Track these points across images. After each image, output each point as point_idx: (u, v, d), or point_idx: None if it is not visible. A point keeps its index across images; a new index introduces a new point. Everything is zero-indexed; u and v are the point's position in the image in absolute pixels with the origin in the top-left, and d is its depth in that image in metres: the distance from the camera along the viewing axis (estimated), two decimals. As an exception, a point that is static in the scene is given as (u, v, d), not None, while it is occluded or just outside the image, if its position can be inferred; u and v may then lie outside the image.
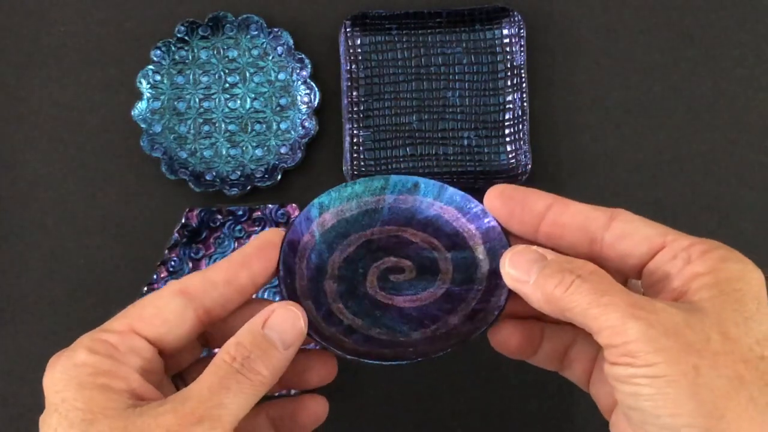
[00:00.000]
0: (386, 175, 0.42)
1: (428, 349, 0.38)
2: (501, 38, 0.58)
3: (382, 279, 0.41)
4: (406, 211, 0.43)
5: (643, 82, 0.59)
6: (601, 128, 0.59)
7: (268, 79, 0.59)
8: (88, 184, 0.58)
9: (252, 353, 0.33)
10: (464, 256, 0.41)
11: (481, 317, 0.38)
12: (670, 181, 0.58)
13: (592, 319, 0.31)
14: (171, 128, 0.58)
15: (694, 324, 0.29)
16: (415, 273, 0.41)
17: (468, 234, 0.41)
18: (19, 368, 0.57)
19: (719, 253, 0.32)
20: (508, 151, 0.58)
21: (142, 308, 0.34)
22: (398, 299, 0.41)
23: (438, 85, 0.58)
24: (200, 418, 0.30)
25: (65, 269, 0.57)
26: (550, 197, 0.36)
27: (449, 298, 0.40)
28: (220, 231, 0.57)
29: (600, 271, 0.32)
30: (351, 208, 0.42)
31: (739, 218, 0.58)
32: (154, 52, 0.58)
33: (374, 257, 0.42)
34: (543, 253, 0.34)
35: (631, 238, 0.34)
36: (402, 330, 0.39)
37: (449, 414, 0.56)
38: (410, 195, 0.42)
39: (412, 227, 0.42)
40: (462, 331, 0.38)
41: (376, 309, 0.40)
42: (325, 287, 0.40)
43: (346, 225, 0.42)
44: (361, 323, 0.40)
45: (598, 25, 0.59)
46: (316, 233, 0.41)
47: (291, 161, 0.57)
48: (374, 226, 0.42)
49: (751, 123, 0.58)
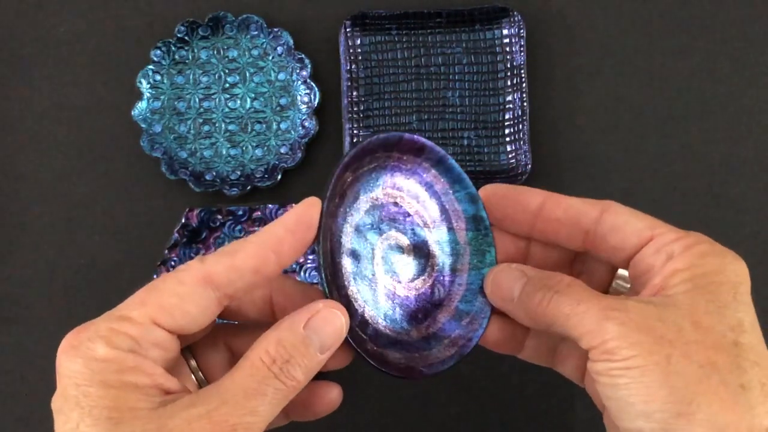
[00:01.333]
0: (401, 132, 0.40)
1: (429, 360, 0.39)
2: (501, 38, 0.58)
3: (386, 260, 0.41)
4: (406, 173, 0.42)
5: (643, 82, 0.59)
6: (601, 128, 0.58)
7: (268, 79, 0.59)
8: (88, 184, 0.58)
9: (292, 357, 0.31)
10: (448, 240, 0.41)
11: (468, 323, 0.40)
12: (670, 180, 0.58)
13: (572, 327, 0.32)
14: (171, 128, 0.58)
15: (666, 317, 0.31)
16: (412, 254, 0.41)
17: (453, 213, 0.41)
18: (19, 368, 0.57)
19: (700, 248, 0.33)
20: (508, 151, 0.58)
21: (162, 295, 0.32)
22: (399, 287, 0.41)
23: (438, 85, 0.58)
24: (233, 426, 0.29)
25: (65, 269, 0.57)
26: (542, 194, 0.37)
27: (435, 289, 0.41)
28: (220, 231, 0.57)
29: (575, 282, 0.34)
30: (363, 164, 0.40)
31: (739, 218, 0.58)
32: (154, 52, 0.58)
33: (380, 230, 0.41)
34: (523, 271, 0.36)
35: (622, 230, 0.35)
36: (402, 325, 0.40)
37: (449, 413, 0.56)
38: (415, 157, 0.41)
39: (407, 193, 0.42)
40: (452, 338, 0.40)
41: (382, 297, 0.40)
42: (343, 264, 0.39)
43: (358, 184, 0.40)
44: (372, 313, 0.40)
45: (598, 25, 0.59)
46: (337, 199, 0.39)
47: (291, 161, 0.57)
48: (379, 186, 0.41)
49: (752, 122, 0.58)
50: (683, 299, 0.32)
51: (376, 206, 0.41)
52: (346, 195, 0.39)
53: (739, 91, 0.59)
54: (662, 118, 0.59)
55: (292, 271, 0.56)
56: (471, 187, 0.40)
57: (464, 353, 0.39)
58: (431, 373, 0.39)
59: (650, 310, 0.31)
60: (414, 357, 0.39)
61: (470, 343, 0.39)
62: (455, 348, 0.40)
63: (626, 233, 0.35)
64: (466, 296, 0.40)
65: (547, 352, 0.39)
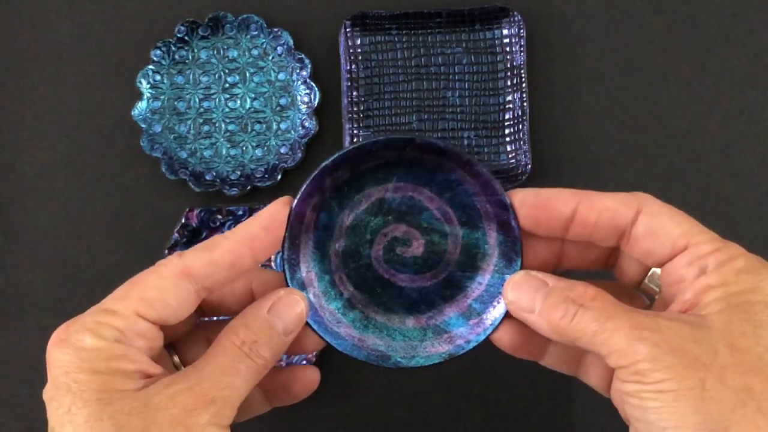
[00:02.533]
0: (414, 135, 0.39)
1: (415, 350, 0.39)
2: (501, 38, 0.58)
3: (389, 251, 0.41)
4: (428, 170, 0.40)
5: (643, 81, 0.59)
6: (601, 128, 0.58)
7: (268, 79, 0.59)
8: (88, 184, 0.58)
9: (259, 338, 0.34)
10: (475, 238, 0.40)
11: (475, 323, 0.39)
12: (671, 180, 0.58)
13: (600, 345, 0.31)
14: (171, 128, 0.58)
15: (700, 338, 0.30)
16: (422, 248, 0.41)
17: (485, 213, 0.40)
18: (19, 368, 0.57)
19: (735, 264, 0.32)
20: (508, 151, 0.58)
21: (144, 289, 0.34)
22: (401, 276, 0.41)
23: (438, 85, 0.58)
24: (213, 399, 0.32)
25: (65, 269, 0.57)
26: (574, 198, 0.35)
27: (450, 284, 0.40)
28: (220, 231, 0.57)
29: (602, 294, 0.33)
30: (368, 161, 0.39)
31: (739, 217, 0.58)
32: (154, 52, 0.58)
33: (385, 221, 0.40)
34: (544, 280, 0.35)
35: (656, 236, 0.34)
36: (398, 312, 0.40)
37: (448, 412, 0.56)
38: (435, 156, 0.39)
39: (430, 188, 0.40)
40: (452, 335, 0.39)
41: (377, 284, 0.40)
42: (331, 252, 0.40)
43: (361, 179, 0.40)
44: (361, 297, 0.40)
45: (598, 25, 0.59)
46: (327, 191, 0.40)
47: (291, 161, 0.57)
48: (390, 181, 0.40)
49: (752, 123, 0.58)
50: (717, 319, 0.31)
51: (383, 198, 0.40)
52: (340, 188, 0.40)
53: (739, 92, 0.59)
54: (662, 118, 0.59)
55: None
56: (502, 194, 0.38)
57: (456, 354, 0.39)
58: (408, 365, 0.39)
59: (684, 330, 0.30)
60: (397, 345, 0.40)
61: (467, 345, 0.39)
62: (449, 345, 0.39)
63: (660, 239, 0.34)
64: (482, 296, 0.40)
65: (571, 361, 0.38)
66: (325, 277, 0.40)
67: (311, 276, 0.40)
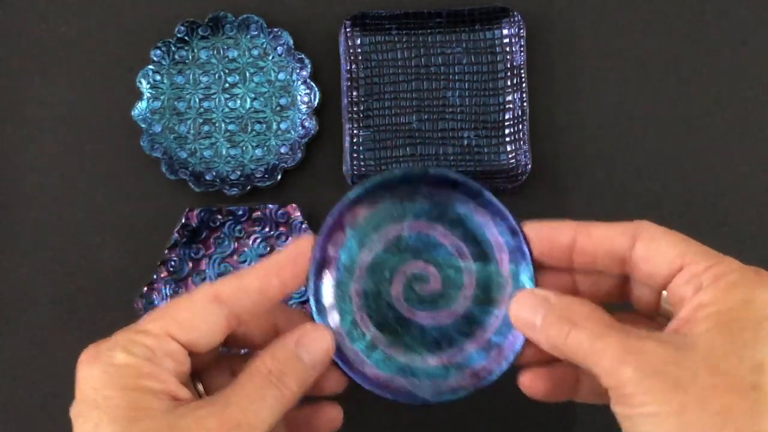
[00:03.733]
0: (427, 166, 0.42)
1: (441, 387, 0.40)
2: (501, 38, 0.58)
3: (408, 288, 0.42)
4: (440, 205, 0.42)
5: (643, 82, 0.59)
6: (601, 128, 0.59)
7: (268, 79, 0.59)
8: (88, 184, 0.58)
9: (286, 369, 0.35)
10: (489, 271, 0.41)
11: (495, 354, 0.40)
12: (671, 180, 0.58)
13: (592, 365, 0.33)
14: (171, 128, 0.58)
15: (682, 360, 0.31)
16: (439, 284, 0.42)
17: (497, 245, 0.41)
18: (18, 368, 0.57)
19: (728, 279, 0.33)
20: (508, 151, 0.58)
21: (176, 311, 0.35)
22: (420, 314, 0.42)
23: (438, 85, 0.58)
24: (239, 424, 0.33)
25: (65, 269, 0.57)
26: (571, 228, 0.37)
27: (468, 320, 0.41)
28: (220, 231, 0.57)
29: (595, 313, 0.34)
30: (385, 197, 0.42)
31: (739, 218, 0.58)
32: (154, 52, 0.58)
33: (402, 258, 0.42)
34: (546, 296, 0.36)
35: (653, 260, 0.35)
36: (420, 353, 0.41)
37: (446, 410, 0.56)
38: (447, 190, 0.42)
39: (443, 224, 0.42)
40: (475, 370, 0.40)
41: (399, 324, 0.42)
42: (352, 292, 0.41)
43: (379, 217, 0.42)
44: (383, 338, 0.41)
45: (598, 25, 0.59)
46: (347, 229, 0.41)
47: (291, 161, 0.57)
48: (406, 219, 0.42)
49: (752, 123, 0.58)
50: (702, 340, 0.31)
51: (400, 236, 0.42)
52: (359, 225, 0.41)
53: (740, 92, 0.59)
54: (663, 118, 0.59)
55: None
56: (511, 219, 0.40)
57: (481, 386, 0.40)
58: (436, 401, 0.40)
59: (668, 352, 0.31)
60: (423, 384, 0.41)
61: (490, 377, 0.40)
62: (474, 379, 0.40)
63: (658, 261, 0.35)
64: (500, 329, 0.40)
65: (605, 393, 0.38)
66: (348, 317, 0.41)
67: (334, 314, 0.41)
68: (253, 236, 0.57)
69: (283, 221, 0.56)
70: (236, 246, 0.57)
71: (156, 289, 0.56)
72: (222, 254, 0.57)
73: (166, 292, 0.56)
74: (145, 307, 0.55)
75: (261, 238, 0.57)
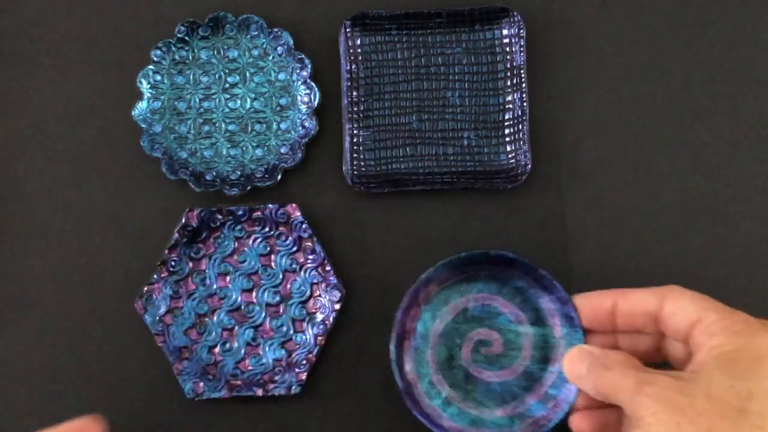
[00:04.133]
0: (486, 250, 0.50)
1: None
2: (501, 38, 0.58)
3: (475, 352, 0.51)
4: (500, 280, 0.51)
5: (643, 81, 0.59)
6: (601, 128, 0.59)
7: (268, 79, 0.59)
8: (88, 184, 0.58)
9: None
10: (543, 334, 0.50)
11: (552, 405, 0.49)
12: (670, 180, 0.58)
13: (618, 397, 0.39)
14: (171, 128, 0.58)
15: (686, 390, 0.37)
16: (501, 348, 0.51)
17: (549, 312, 0.50)
18: (18, 368, 0.57)
19: (735, 327, 0.39)
20: (508, 151, 0.58)
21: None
22: (486, 373, 0.51)
23: (438, 85, 0.58)
24: None
25: (65, 269, 0.57)
26: (612, 295, 0.45)
27: (528, 376, 0.50)
28: (220, 231, 0.57)
29: (624, 359, 0.41)
30: (453, 276, 0.51)
31: (739, 218, 0.58)
32: (154, 52, 0.58)
33: (469, 327, 0.51)
34: (591, 351, 0.43)
35: (678, 315, 0.42)
36: (488, 406, 0.50)
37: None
38: (505, 267, 0.50)
39: (503, 295, 0.51)
40: (535, 418, 0.49)
41: (468, 383, 0.51)
42: (428, 357, 0.51)
43: (448, 293, 0.51)
44: (456, 395, 0.50)
45: (598, 25, 0.59)
46: (421, 304, 0.51)
47: (291, 161, 0.57)
48: (472, 293, 0.51)
49: (752, 124, 0.58)
50: (706, 374, 0.38)
51: (466, 308, 0.51)
52: (432, 301, 0.51)
53: (740, 92, 0.59)
54: (662, 118, 0.59)
55: (293, 272, 0.57)
56: (562, 291, 0.49)
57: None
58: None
59: (676, 383, 0.38)
60: (490, 431, 0.49)
61: (549, 423, 0.48)
62: (535, 427, 0.49)
63: (681, 317, 0.41)
64: (556, 383, 0.49)
65: None
66: (425, 379, 0.50)
67: (414, 377, 0.50)
68: (253, 236, 0.57)
69: (283, 221, 0.56)
70: (236, 246, 0.57)
71: (156, 289, 0.56)
72: (222, 254, 0.57)
73: (166, 292, 0.56)
74: (145, 307, 0.55)
75: (261, 238, 0.57)
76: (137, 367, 0.57)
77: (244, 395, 0.55)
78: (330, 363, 0.56)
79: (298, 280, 0.57)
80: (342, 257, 0.57)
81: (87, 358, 0.57)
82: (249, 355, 0.56)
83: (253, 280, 0.57)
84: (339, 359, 0.56)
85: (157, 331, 0.55)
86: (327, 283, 0.56)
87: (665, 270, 0.57)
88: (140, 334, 0.56)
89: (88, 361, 0.57)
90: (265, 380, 0.55)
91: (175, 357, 0.55)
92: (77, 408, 0.57)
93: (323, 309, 0.56)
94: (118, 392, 0.56)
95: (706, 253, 0.57)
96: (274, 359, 0.56)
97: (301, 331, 0.56)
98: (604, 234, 0.57)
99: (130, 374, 0.57)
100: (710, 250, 0.57)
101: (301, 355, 0.55)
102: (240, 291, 0.57)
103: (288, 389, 0.54)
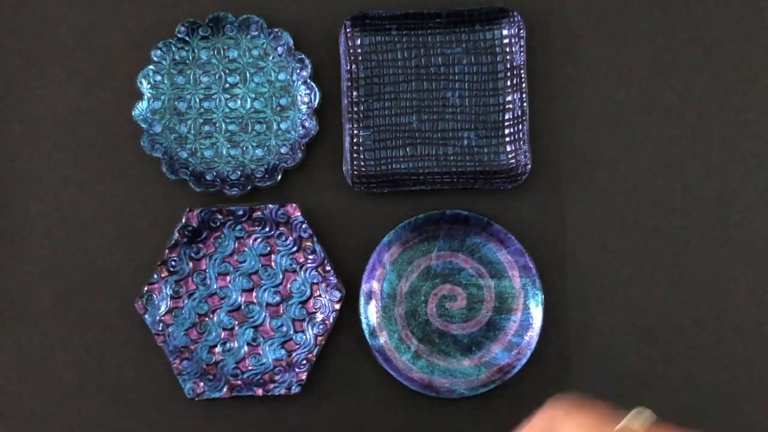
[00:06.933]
0: (443, 210, 0.54)
1: (474, 383, 0.53)
2: (501, 38, 0.58)
3: (440, 306, 0.54)
4: (458, 238, 0.55)
5: (643, 81, 0.59)
6: (600, 128, 0.59)
7: (268, 79, 0.59)
8: (88, 184, 0.58)
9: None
10: (504, 285, 0.54)
11: (516, 353, 0.53)
12: (670, 180, 0.58)
13: None
14: (171, 128, 0.58)
15: None
16: (465, 301, 0.54)
17: (508, 265, 0.54)
18: (19, 368, 0.57)
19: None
20: (508, 151, 0.58)
21: None
22: (452, 326, 0.54)
23: (438, 85, 0.58)
24: None
25: (65, 269, 0.57)
26: None
27: (491, 326, 0.54)
28: (220, 231, 0.57)
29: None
30: (414, 237, 0.55)
31: (738, 218, 0.58)
32: (155, 52, 0.58)
33: (433, 284, 0.55)
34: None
35: None
36: (455, 356, 0.54)
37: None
38: (462, 225, 0.54)
39: (463, 252, 0.55)
40: (500, 366, 0.53)
41: (435, 335, 0.54)
42: (396, 315, 0.54)
43: (411, 252, 0.55)
44: (424, 348, 0.54)
45: (598, 25, 0.59)
46: (387, 265, 0.55)
47: (291, 161, 0.57)
48: (433, 252, 0.55)
49: (752, 123, 0.58)
50: None
51: (429, 266, 0.55)
52: (396, 261, 0.55)
53: (739, 92, 0.59)
54: (662, 118, 0.59)
55: (293, 271, 0.57)
56: (517, 243, 0.54)
57: (506, 378, 0.52)
58: (471, 395, 0.53)
59: None
60: (459, 381, 0.53)
61: (513, 370, 0.52)
62: (500, 374, 0.53)
63: None
64: (518, 331, 0.53)
65: None
66: (395, 335, 0.54)
67: (384, 334, 0.54)
68: (253, 236, 0.57)
69: (283, 221, 0.56)
70: (236, 246, 0.57)
71: (156, 289, 0.56)
72: (222, 254, 0.57)
73: (167, 292, 0.56)
74: (146, 307, 0.55)
75: (261, 238, 0.57)
76: (137, 367, 0.57)
77: (244, 395, 0.55)
78: (330, 363, 0.56)
79: (298, 280, 0.57)
80: (342, 257, 0.57)
81: (87, 358, 0.57)
82: (249, 355, 0.56)
83: (253, 280, 0.57)
84: (339, 359, 0.57)
85: (157, 331, 0.55)
86: (327, 283, 0.56)
87: (665, 268, 0.57)
88: (140, 334, 0.56)
89: (88, 360, 0.57)
90: (265, 380, 0.55)
91: (175, 357, 0.55)
92: (77, 408, 0.57)
93: (323, 309, 0.56)
94: (119, 392, 0.56)
95: (707, 249, 0.57)
96: (274, 359, 0.56)
97: (301, 331, 0.56)
98: (603, 234, 0.57)
99: (130, 374, 0.57)
100: (711, 247, 0.57)
101: (301, 355, 0.55)
102: (240, 291, 0.57)
103: (288, 389, 0.54)
